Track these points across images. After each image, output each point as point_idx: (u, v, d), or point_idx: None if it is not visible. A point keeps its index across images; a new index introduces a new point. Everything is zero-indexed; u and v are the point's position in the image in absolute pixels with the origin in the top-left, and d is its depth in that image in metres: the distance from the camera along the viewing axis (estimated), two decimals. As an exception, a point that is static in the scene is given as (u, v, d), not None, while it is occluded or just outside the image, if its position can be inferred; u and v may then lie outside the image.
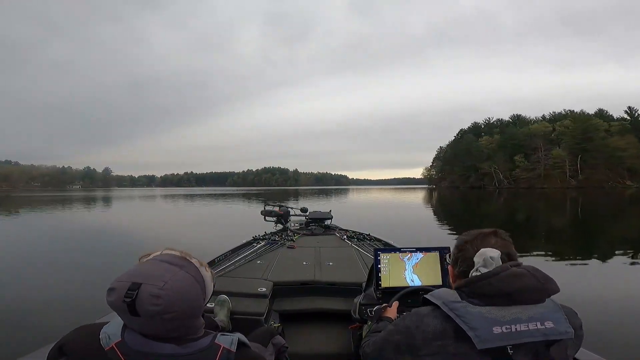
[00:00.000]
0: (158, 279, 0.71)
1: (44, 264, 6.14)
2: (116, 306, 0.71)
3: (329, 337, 1.87)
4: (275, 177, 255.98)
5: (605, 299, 4.07)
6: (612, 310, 3.70)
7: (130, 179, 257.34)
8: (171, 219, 16.08)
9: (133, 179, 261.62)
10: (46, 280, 4.99)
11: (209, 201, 30.46)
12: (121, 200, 34.81)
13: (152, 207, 25.71)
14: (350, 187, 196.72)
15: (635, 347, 2.93)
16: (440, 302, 0.83)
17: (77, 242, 8.72)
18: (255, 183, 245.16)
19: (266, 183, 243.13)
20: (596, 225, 13.02)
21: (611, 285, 4.83)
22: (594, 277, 5.32)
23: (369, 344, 1.04)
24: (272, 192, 56.56)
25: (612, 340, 2.94)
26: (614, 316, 3.53)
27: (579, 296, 3.91)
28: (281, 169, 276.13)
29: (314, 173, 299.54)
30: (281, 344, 1.31)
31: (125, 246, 8.04)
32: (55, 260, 6.38)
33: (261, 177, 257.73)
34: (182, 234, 10.14)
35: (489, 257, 0.84)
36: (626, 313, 3.65)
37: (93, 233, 10.54)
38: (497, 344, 0.75)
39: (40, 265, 6.00)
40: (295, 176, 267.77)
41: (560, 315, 0.79)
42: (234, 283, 2.13)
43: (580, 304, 1.33)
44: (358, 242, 3.48)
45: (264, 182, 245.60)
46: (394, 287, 1.54)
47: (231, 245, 3.13)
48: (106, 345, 0.72)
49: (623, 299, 4.06)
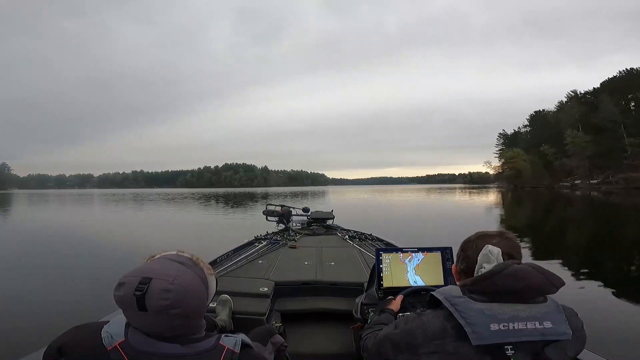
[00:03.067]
0: (168, 275, 0.73)
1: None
2: (124, 301, 0.71)
3: (330, 337, 1.87)
4: (239, 176, 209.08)
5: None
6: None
7: (57, 179, 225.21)
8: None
9: (61, 179, 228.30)
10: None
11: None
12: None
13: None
14: (329, 187, 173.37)
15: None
16: (442, 297, 0.85)
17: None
18: (212, 183, 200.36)
19: (227, 182, 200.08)
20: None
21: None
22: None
23: (369, 337, 1.05)
24: (228, 195, 46.43)
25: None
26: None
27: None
28: (246, 165, 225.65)
29: (287, 171, 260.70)
30: (280, 342, 1.31)
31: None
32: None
33: (220, 175, 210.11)
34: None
35: (488, 252, 0.86)
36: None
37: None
38: (493, 340, 0.75)
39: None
40: (264, 174, 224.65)
41: (561, 316, 0.80)
42: (235, 283, 2.13)
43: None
44: (360, 242, 3.49)
45: (223, 182, 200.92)
46: (396, 287, 1.54)
47: (233, 245, 3.13)
48: (109, 344, 0.71)
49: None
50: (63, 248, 8.38)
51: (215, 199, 36.41)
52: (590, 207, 21.00)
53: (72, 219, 17.14)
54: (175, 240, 9.39)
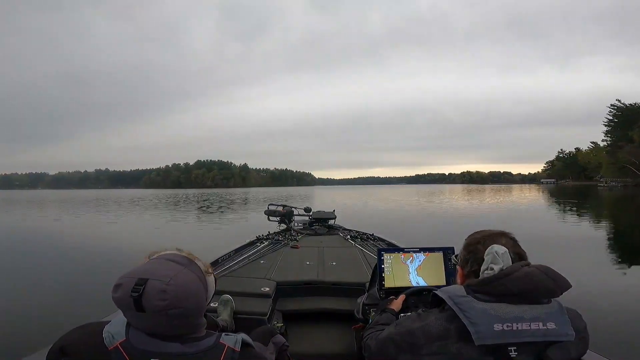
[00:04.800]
0: (164, 275, 0.73)
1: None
2: (122, 302, 0.71)
3: (332, 337, 1.88)
4: (212, 175, 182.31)
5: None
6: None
7: (3, 178, 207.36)
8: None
9: (11, 178, 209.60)
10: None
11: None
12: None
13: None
14: (316, 187, 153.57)
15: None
16: (446, 295, 0.84)
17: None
18: (181, 182, 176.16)
19: (198, 182, 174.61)
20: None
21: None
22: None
23: (371, 337, 1.04)
24: (188, 199, 32.77)
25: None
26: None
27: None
28: (222, 162, 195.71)
29: (270, 170, 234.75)
30: (281, 342, 1.31)
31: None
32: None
33: (190, 173, 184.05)
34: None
35: (495, 252, 0.86)
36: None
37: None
38: (496, 341, 0.75)
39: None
40: (243, 173, 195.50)
41: (564, 317, 0.80)
42: (237, 283, 2.13)
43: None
44: (362, 242, 3.49)
45: (194, 181, 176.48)
46: (398, 287, 1.54)
47: (234, 245, 3.13)
48: (110, 344, 0.71)
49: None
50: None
51: (156, 204, 25.44)
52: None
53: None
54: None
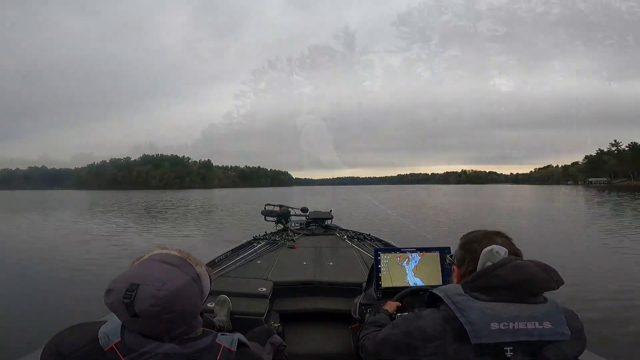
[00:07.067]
0: (156, 279, 0.71)
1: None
2: (115, 307, 0.71)
3: (329, 337, 1.87)
4: (160, 172, 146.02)
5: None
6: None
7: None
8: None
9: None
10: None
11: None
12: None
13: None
14: (296, 187, 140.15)
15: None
16: (443, 294, 0.84)
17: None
18: (118, 181, 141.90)
19: (142, 181, 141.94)
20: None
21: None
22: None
23: (368, 338, 1.04)
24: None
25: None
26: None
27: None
28: (176, 158, 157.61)
29: (240, 167, 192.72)
30: (279, 343, 1.31)
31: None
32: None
33: (132, 171, 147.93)
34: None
35: (495, 252, 0.86)
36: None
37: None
38: (493, 339, 0.76)
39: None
40: (203, 170, 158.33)
41: (561, 317, 0.80)
42: (234, 283, 2.13)
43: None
44: (358, 242, 3.49)
45: (136, 180, 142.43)
46: (395, 287, 1.55)
47: (232, 245, 3.12)
48: (105, 345, 0.71)
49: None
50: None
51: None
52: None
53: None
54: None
